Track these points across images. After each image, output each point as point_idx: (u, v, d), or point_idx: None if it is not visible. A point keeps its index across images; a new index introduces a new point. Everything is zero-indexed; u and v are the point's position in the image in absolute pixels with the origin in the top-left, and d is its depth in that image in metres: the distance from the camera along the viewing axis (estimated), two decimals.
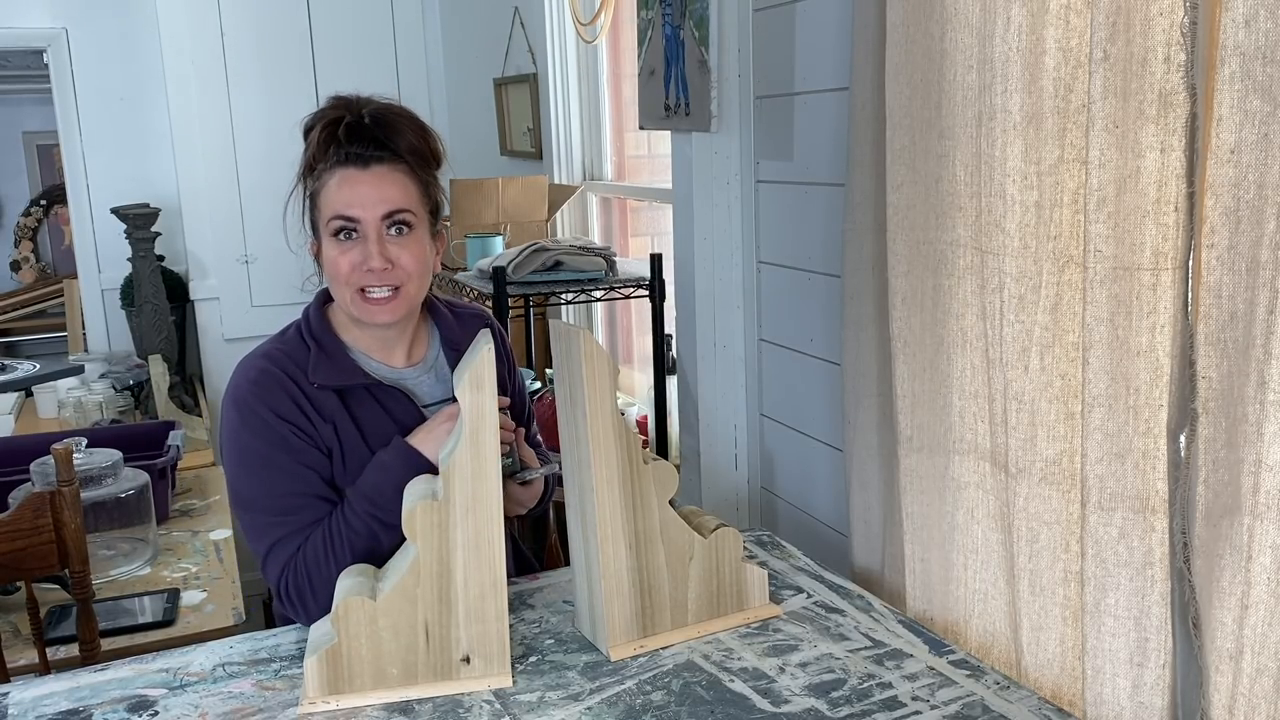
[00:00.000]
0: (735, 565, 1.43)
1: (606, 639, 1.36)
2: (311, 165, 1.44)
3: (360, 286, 1.41)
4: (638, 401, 2.96)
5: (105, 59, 3.91)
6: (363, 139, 1.41)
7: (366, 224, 1.40)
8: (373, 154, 1.41)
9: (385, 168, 1.41)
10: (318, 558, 1.38)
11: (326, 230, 1.42)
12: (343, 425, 1.44)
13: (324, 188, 1.42)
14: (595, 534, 1.33)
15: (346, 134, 1.40)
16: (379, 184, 1.40)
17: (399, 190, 1.41)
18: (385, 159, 1.41)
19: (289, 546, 1.40)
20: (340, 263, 1.41)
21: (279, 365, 1.45)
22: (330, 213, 1.41)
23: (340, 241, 1.41)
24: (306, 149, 1.44)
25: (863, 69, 1.62)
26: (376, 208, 1.40)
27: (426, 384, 1.54)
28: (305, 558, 1.39)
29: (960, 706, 1.23)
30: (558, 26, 3.28)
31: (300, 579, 1.39)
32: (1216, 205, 1.11)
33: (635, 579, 1.36)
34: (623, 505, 1.34)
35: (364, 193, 1.40)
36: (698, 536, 1.40)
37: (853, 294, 1.72)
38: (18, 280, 6.03)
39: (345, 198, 1.40)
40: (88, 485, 2.05)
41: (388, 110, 1.43)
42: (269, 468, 1.41)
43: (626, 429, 1.33)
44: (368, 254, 1.40)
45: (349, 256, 1.40)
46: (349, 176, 1.40)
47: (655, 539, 1.37)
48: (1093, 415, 1.26)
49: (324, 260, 1.44)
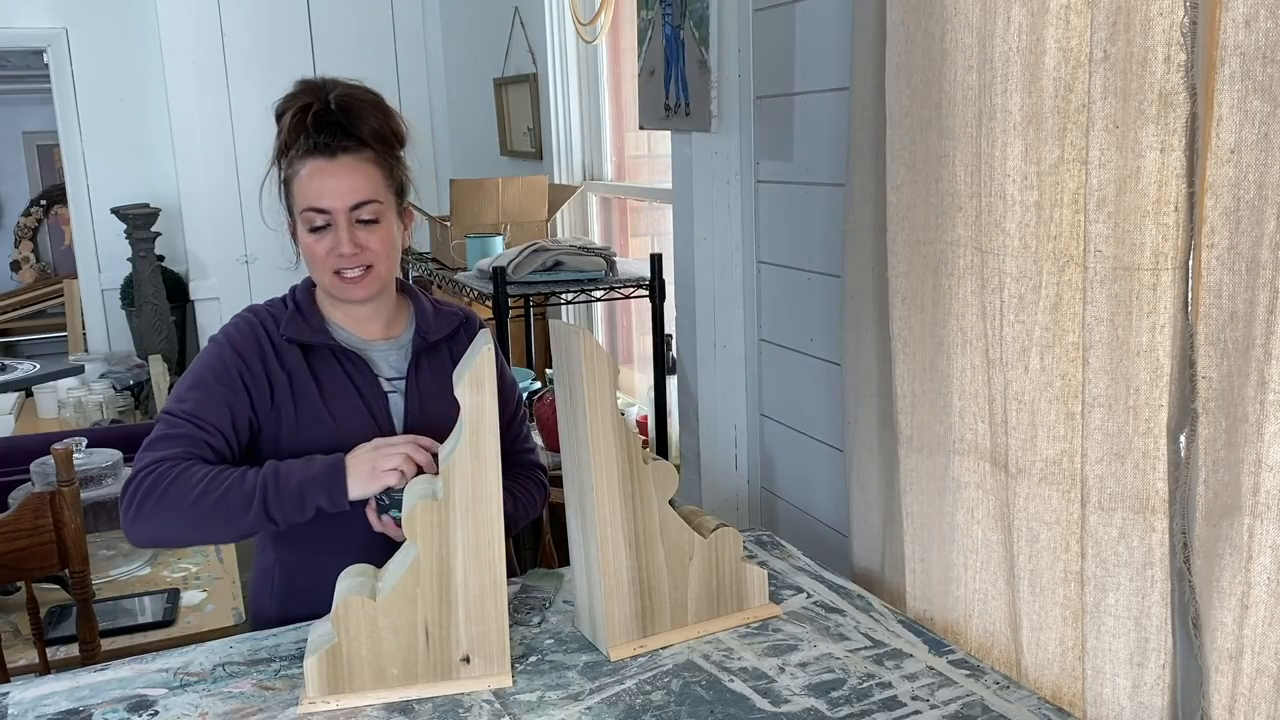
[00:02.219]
0: (735, 565, 1.43)
1: (606, 639, 1.36)
2: (284, 149, 1.51)
3: (335, 269, 1.50)
4: (638, 401, 2.96)
5: (105, 59, 3.92)
6: (329, 128, 1.48)
7: (336, 213, 1.48)
8: (339, 143, 1.48)
9: (351, 157, 1.49)
10: (191, 480, 1.41)
11: (301, 220, 1.50)
12: (300, 378, 1.53)
13: (296, 177, 1.50)
14: (595, 534, 1.33)
15: (314, 123, 1.48)
16: (347, 175, 1.48)
17: (365, 180, 1.49)
18: (351, 148, 1.49)
19: (166, 449, 1.44)
20: (315, 249, 1.50)
21: (259, 317, 1.57)
22: (303, 204, 1.49)
23: (313, 232, 1.49)
24: (279, 133, 1.51)
25: (863, 69, 1.62)
26: (345, 199, 1.48)
27: (392, 359, 1.59)
28: (179, 470, 1.41)
29: (960, 706, 1.23)
30: (558, 26, 3.28)
31: (160, 482, 1.40)
32: (1216, 205, 1.11)
33: (635, 579, 1.36)
34: (623, 505, 1.34)
35: (332, 185, 1.47)
36: (697, 536, 1.40)
37: (853, 294, 1.72)
38: (18, 280, 6.04)
39: (316, 189, 1.48)
40: (88, 485, 2.05)
41: (351, 96, 1.50)
42: (200, 386, 1.49)
43: (626, 429, 1.33)
44: (339, 240, 1.48)
45: (323, 243, 1.49)
46: (319, 168, 1.48)
47: (655, 539, 1.37)
48: (1093, 415, 1.26)
49: (301, 244, 1.53)
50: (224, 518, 1.39)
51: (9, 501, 1.88)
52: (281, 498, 1.39)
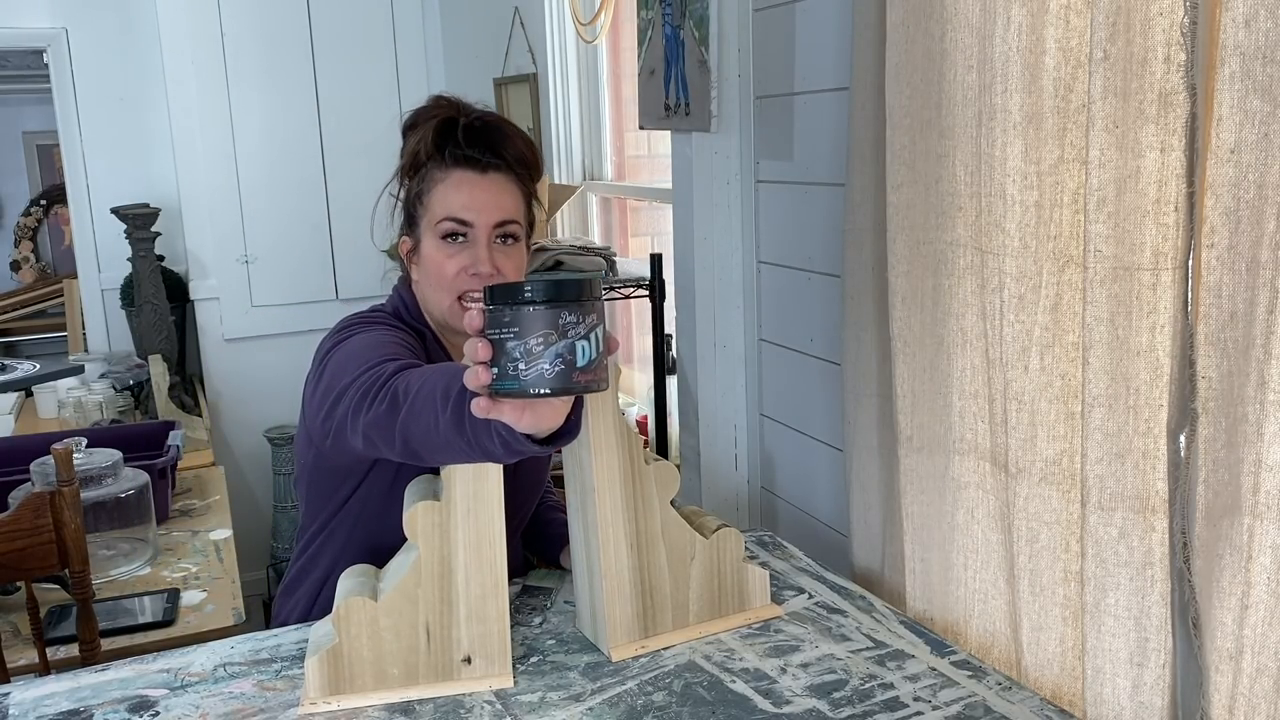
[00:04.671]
0: (736, 566, 1.43)
1: (608, 640, 1.36)
2: (417, 163, 1.44)
3: (462, 292, 1.41)
4: (638, 401, 2.96)
5: (105, 59, 3.91)
6: (479, 143, 1.42)
7: (478, 229, 1.41)
8: (490, 160, 1.42)
9: (500, 175, 1.43)
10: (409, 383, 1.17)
11: (434, 231, 1.42)
12: None
13: (435, 187, 1.42)
14: (596, 535, 1.33)
15: (465, 136, 1.41)
16: (495, 191, 1.41)
17: (511, 200, 1.43)
18: (500, 166, 1.43)
19: (387, 368, 1.23)
20: (447, 265, 1.41)
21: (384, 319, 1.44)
22: (442, 213, 1.41)
23: (448, 244, 1.41)
24: (411, 144, 1.44)
25: (863, 69, 1.62)
26: (491, 214, 1.41)
27: None
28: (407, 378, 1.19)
29: (962, 707, 1.23)
30: (558, 26, 3.28)
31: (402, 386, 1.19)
32: (1216, 205, 1.11)
33: (636, 579, 1.36)
34: (624, 506, 1.34)
35: (481, 198, 1.40)
36: (699, 537, 1.40)
37: (853, 294, 1.72)
38: (18, 280, 6.04)
39: (462, 200, 1.41)
40: (88, 485, 2.05)
41: (496, 117, 1.45)
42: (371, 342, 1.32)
43: (628, 429, 1.33)
44: (476, 258, 1.40)
45: (457, 259, 1.41)
46: (466, 179, 1.41)
47: (657, 539, 1.37)
48: (1093, 415, 1.26)
49: (426, 262, 1.43)
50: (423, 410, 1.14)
51: (9, 501, 1.88)
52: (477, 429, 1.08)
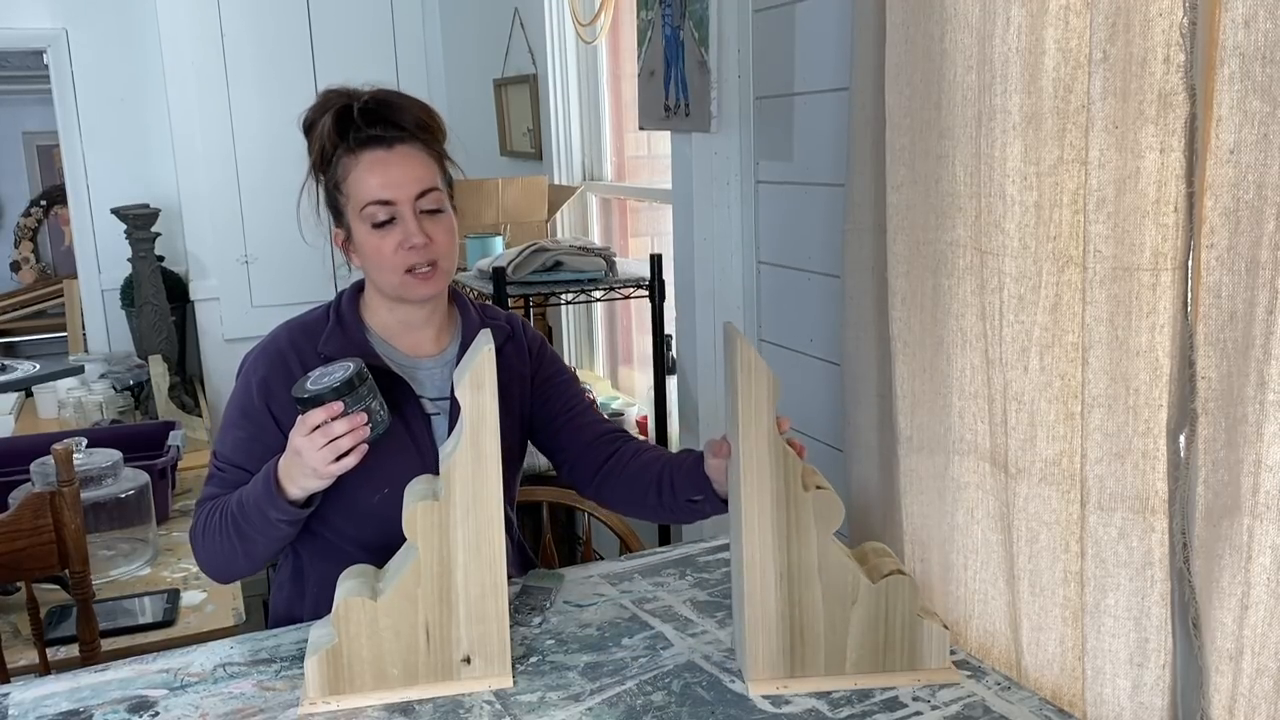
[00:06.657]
0: (908, 618, 1.30)
1: (748, 670, 1.29)
2: (326, 155, 1.44)
3: (407, 267, 1.42)
4: (638, 401, 2.96)
5: (105, 59, 3.91)
6: (378, 120, 1.42)
7: (402, 205, 1.41)
8: (393, 134, 1.42)
9: (407, 147, 1.43)
10: (213, 521, 1.43)
11: (361, 219, 1.42)
12: None
13: (349, 174, 1.42)
14: (743, 560, 1.27)
15: (363, 117, 1.41)
16: (407, 164, 1.42)
17: (424, 168, 1.44)
18: (404, 138, 1.43)
19: (209, 490, 1.48)
20: (383, 247, 1.41)
21: (289, 335, 1.50)
22: (364, 199, 1.41)
23: (379, 230, 1.42)
24: (316, 140, 1.44)
25: (863, 69, 1.62)
26: (410, 187, 1.41)
27: (438, 377, 1.52)
28: (212, 512, 1.44)
29: (961, 707, 1.23)
30: (558, 27, 3.28)
31: (204, 526, 1.44)
32: (1216, 205, 1.11)
33: (785, 613, 1.27)
34: (774, 533, 1.26)
35: (395, 174, 1.41)
36: (864, 580, 1.28)
37: (852, 294, 1.72)
38: (18, 280, 6.04)
39: (378, 180, 1.41)
40: (88, 485, 2.05)
41: (387, 92, 1.45)
42: (232, 426, 1.49)
43: (786, 451, 1.25)
44: (408, 232, 1.41)
45: (391, 239, 1.41)
46: (377, 159, 1.41)
47: (812, 575, 1.27)
48: (1092, 415, 1.26)
49: (362, 248, 1.44)
50: (243, 550, 1.41)
51: (9, 501, 1.88)
52: (244, 517, 1.37)
